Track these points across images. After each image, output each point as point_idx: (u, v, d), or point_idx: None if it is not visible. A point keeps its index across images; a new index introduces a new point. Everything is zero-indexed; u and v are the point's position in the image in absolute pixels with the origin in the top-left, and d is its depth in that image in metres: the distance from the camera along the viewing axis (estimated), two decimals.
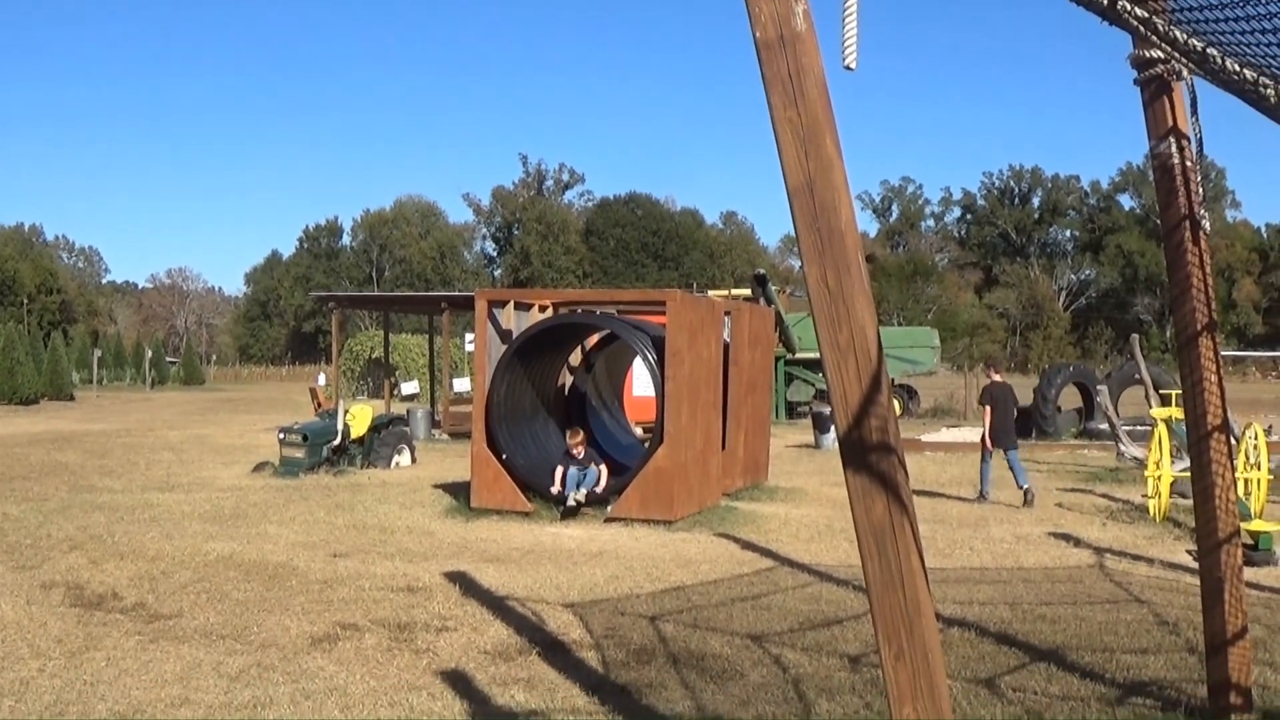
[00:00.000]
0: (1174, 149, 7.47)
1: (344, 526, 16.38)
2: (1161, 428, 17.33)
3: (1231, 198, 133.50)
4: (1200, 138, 7.32)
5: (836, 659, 9.57)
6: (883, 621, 4.79)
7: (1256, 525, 14.13)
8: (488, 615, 11.16)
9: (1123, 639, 10.14)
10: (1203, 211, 7.58)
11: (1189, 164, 7.45)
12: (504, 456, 17.56)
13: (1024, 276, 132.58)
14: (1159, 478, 16.99)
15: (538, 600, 11.83)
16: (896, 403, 43.66)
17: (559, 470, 17.61)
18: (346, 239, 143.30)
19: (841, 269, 4.69)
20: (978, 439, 30.72)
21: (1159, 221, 7.82)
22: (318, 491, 20.02)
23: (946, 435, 33.13)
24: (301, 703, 8.33)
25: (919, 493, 20.48)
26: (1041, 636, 10.23)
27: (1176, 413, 18.09)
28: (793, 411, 43.64)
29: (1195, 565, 13.43)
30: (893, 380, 45.22)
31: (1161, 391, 23.27)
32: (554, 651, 9.85)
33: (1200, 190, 7.47)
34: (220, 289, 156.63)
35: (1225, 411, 7.76)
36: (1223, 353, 7.67)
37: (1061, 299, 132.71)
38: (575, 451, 17.74)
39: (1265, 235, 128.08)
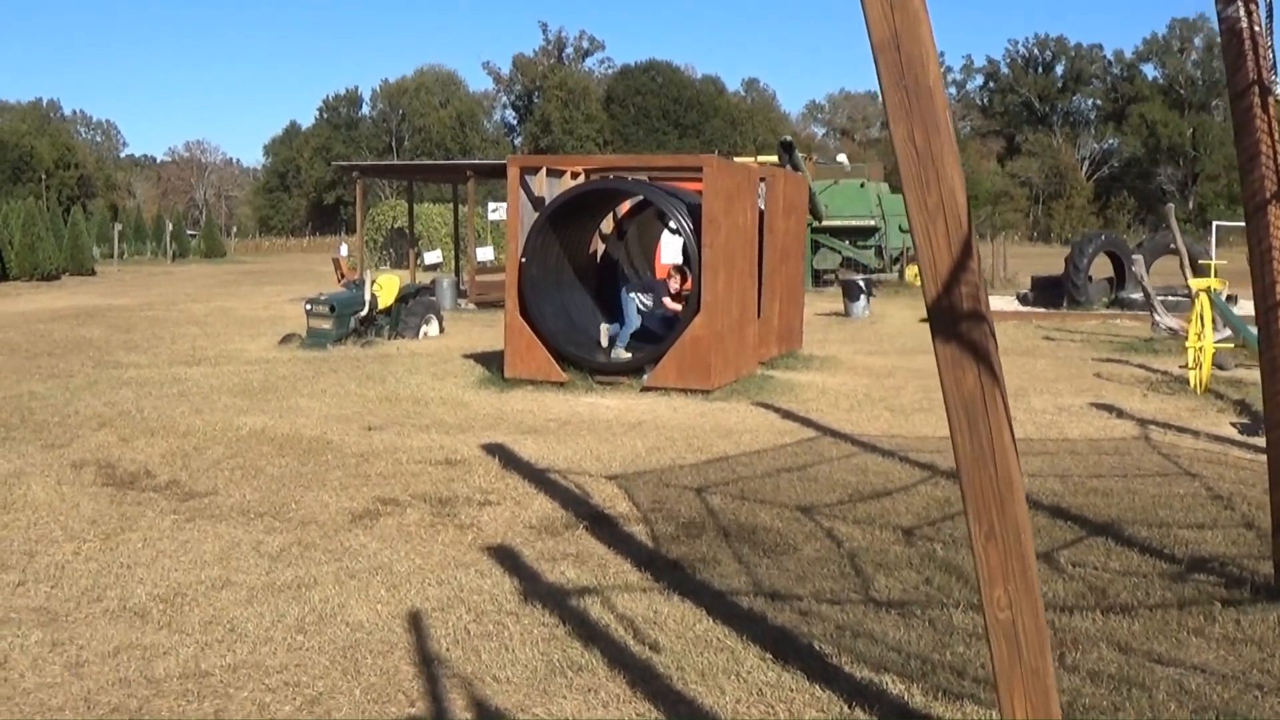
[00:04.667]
0: (1242, 12, 7.19)
1: (376, 399, 16.18)
2: (1203, 299, 16.97)
3: None
4: (1270, 1, 7.07)
5: (890, 532, 9.37)
6: (973, 499, 4.56)
7: None
8: (530, 488, 10.98)
9: (1177, 513, 9.90)
10: (1273, 77, 7.32)
11: (1257, 28, 7.18)
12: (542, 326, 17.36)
13: (1047, 145, 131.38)
14: (1200, 349, 16.66)
15: (579, 472, 11.65)
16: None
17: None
18: (366, 109, 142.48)
19: (930, 128, 4.40)
20: (1005, 307, 30.62)
21: (1228, 88, 7.50)
22: (346, 363, 19.82)
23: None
24: (346, 582, 8.15)
25: None
26: (1095, 510, 10.01)
27: (1215, 283, 17.78)
28: (819, 279, 43.34)
29: (1241, 438, 13.36)
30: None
31: (1201, 262, 22.95)
32: (601, 525, 9.66)
33: (1270, 55, 7.21)
34: (239, 161, 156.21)
35: None
36: (1243, 224, 7.41)
37: (1084, 169, 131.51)
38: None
39: None
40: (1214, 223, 53.19)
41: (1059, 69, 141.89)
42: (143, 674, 6.52)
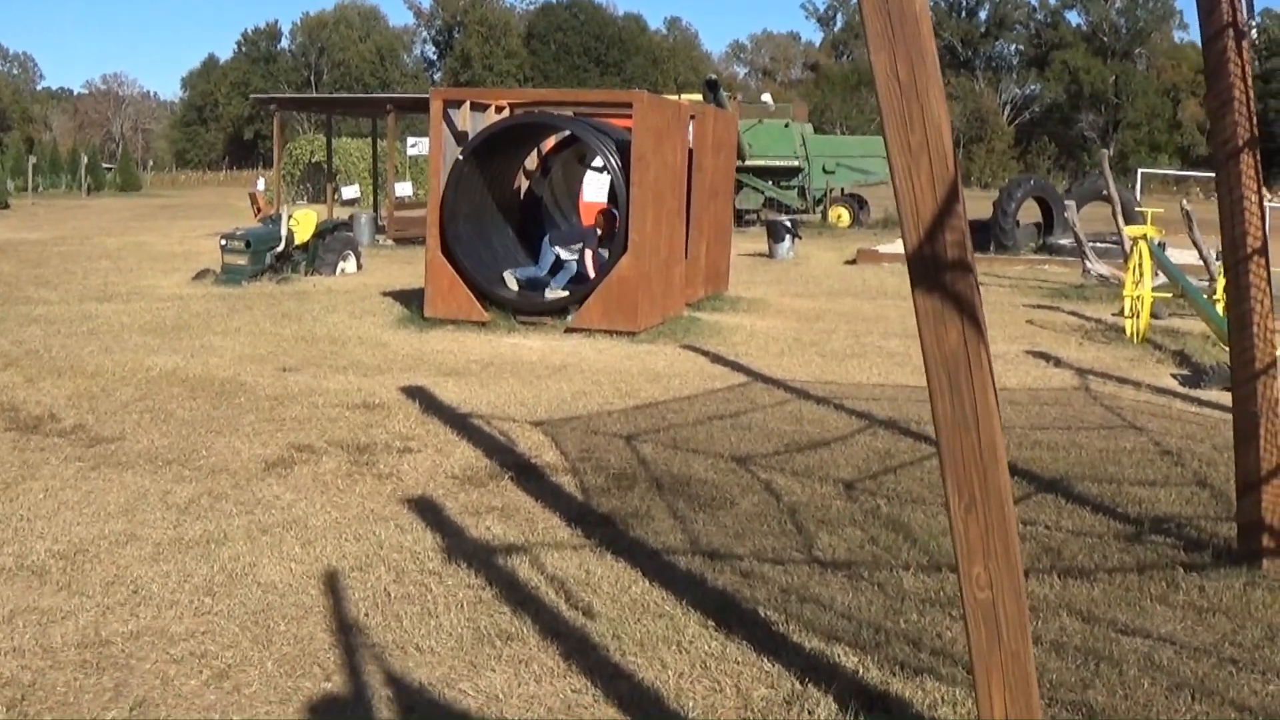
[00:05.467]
0: None
1: (292, 338, 15.61)
2: (1142, 246, 16.64)
3: (1180, 18, 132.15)
4: None
5: (830, 485, 8.97)
6: (952, 467, 4.14)
7: None
8: (452, 435, 10.49)
9: (1126, 469, 9.55)
10: (1250, 21, 7.01)
11: None
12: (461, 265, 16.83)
13: (969, 90, 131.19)
14: (1137, 298, 16.34)
15: (504, 418, 11.18)
16: (846, 212, 43.62)
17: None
18: (285, 42, 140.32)
19: (915, 58, 3.97)
20: None
21: (1200, 31, 7.08)
22: (262, 300, 19.20)
23: (902, 246, 32.47)
24: (258, 537, 7.63)
25: (882, 303, 19.92)
26: (1042, 465, 9.64)
27: (1151, 231, 17.48)
28: (741, 219, 42.89)
29: (1183, 390, 13.07)
30: (843, 189, 44.66)
31: (1138, 209, 22.71)
32: (527, 476, 9.19)
33: None
34: (156, 94, 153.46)
35: (1265, 233, 7.14)
36: (1165, 171, 7.10)
37: (1006, 113, 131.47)
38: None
39: None
40: (1139, 170, 53.33)
41: (982, 14, 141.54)
42: (38, 642, 6.01)
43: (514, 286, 17.27)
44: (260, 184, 42.03)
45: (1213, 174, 7.56)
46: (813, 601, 6.56)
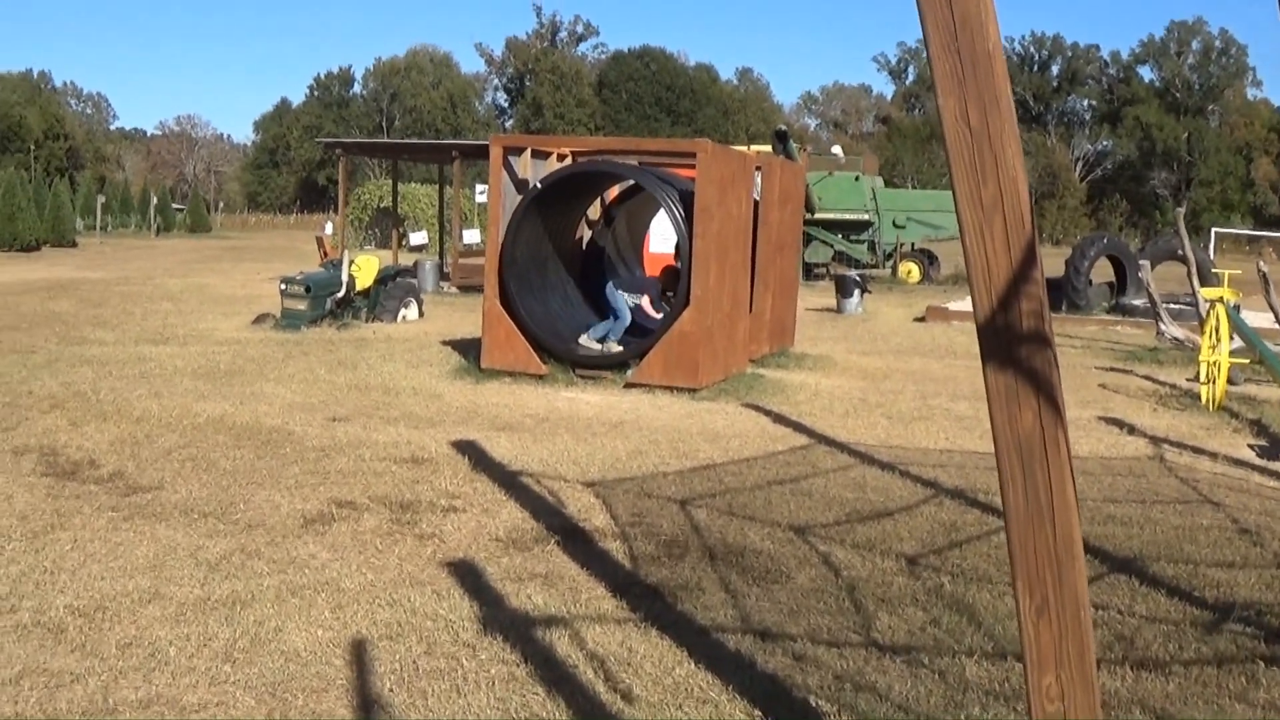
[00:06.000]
0: None
1: (345, 386, 15.30)
2: (1219, 309, 16.08)
3: (1252, 75, 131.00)
4: None
5: (892, 560, 8.52)
6: (1024, 564, 3.71)
7: None
8: (499, 494, 10.11)
9: (1204, 549, 9.03)
10: None
11: None
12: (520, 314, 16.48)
13: (1041, 145, 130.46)
14: (1214, 363, 15.78)
15: (554, 477, 10.79)
16: (916, 268, 43.11)
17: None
18: (357, 87, 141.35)
19: (989, 102, 3.56)
20: None
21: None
22: (319, 346, 18.94)
23: (972, 312, 31.91)
24: (288, 599, 7.27)
25: (950, 363, 19.43)
26: (1115, 542, 9.15)
27: (1228, 293, 16.94)
28: (810, 273, 42.47)
29: (1261, 463, 12.53)
30: (913, 244, 44.19)
31: (1214, 270, 22.13)
32: (574, 540, 8.80)
33: None
34: (229, 136, 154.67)
35: None
36: (1239, 230, 6.65)
37: (1077, 169, 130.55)
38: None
39: None
40: (1212, 229, 52.46)
41: (1055, 68, 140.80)
42: (43, 708, 5.69)
43: (596, 348, 16.91)
44: (328, 228, 41.96)
45: None
46: (868, 690, 6.12)
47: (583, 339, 17.06)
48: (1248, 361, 16.36)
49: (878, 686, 6.17)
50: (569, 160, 17.59)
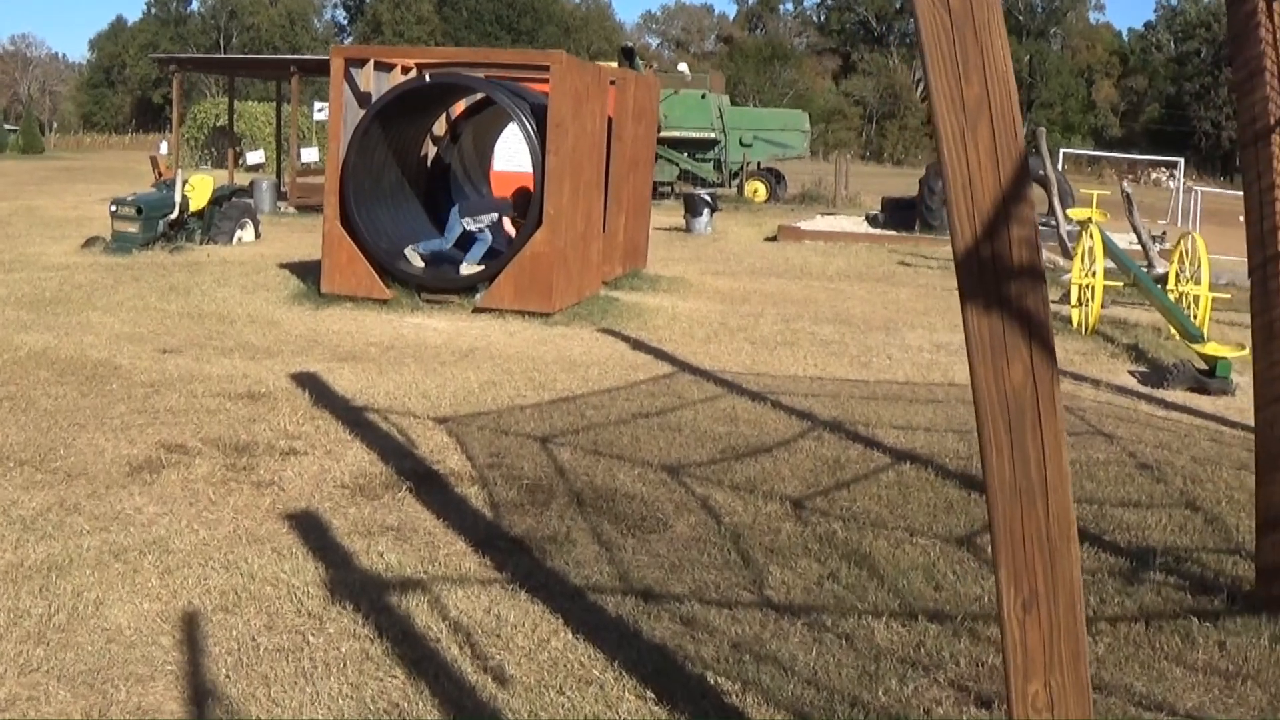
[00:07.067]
0: None
1: (177, 314, 14.26)
2: (1094, 231, 15.55)
3: (1095, 0, 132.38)
4: None
5: (776, 503, 7.83)
6: (1008, 549, 3.02)
7: (1212, 349, 12.50)
8: (344, 433, 9.27)
9: (1106, 487, 8.45)
10: None
11: None
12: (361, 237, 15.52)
13: (882, 65, 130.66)
14: (1086, 286, 15.26)
15: (403, 412, 9.97)
16: (763, 186, 42.61)
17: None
18: (195, 4, 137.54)
19: None
20: (854, 229, 29.41)
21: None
22: (151, 270, 17.80)
23: (824, 223, 31.48)
24: (110, 564, 6.37)
25: (809, 284, 18.86)
26: None
27: (1097, 214, 16.45)
28: (655, 191, 41.69)
29: (1145, 390, 12.07)
30: (759, 163, 43.67)
31: (1083, 190, 21.75)
32: (428, 486, 7.99)
33: None
34: (65, 55, 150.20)
35: None
36: (1079, 152, 6.09)
37: (919, 90, 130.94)
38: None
39: (1126, 39, 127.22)
40: (1060, 150, 52.54)
41: None
42: None
43: (418, 263, 15.98)
44: (163, 147, 40.38)
45: (1128, 156, 6.48)
46: (771, 661, 5.43)
47: (407, 250, 16.11)
48: (1121, 285, 15.90)
49: (780, 656, 5.49)
50: (414, 73, 16.60)
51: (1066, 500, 2.96)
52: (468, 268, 15.85)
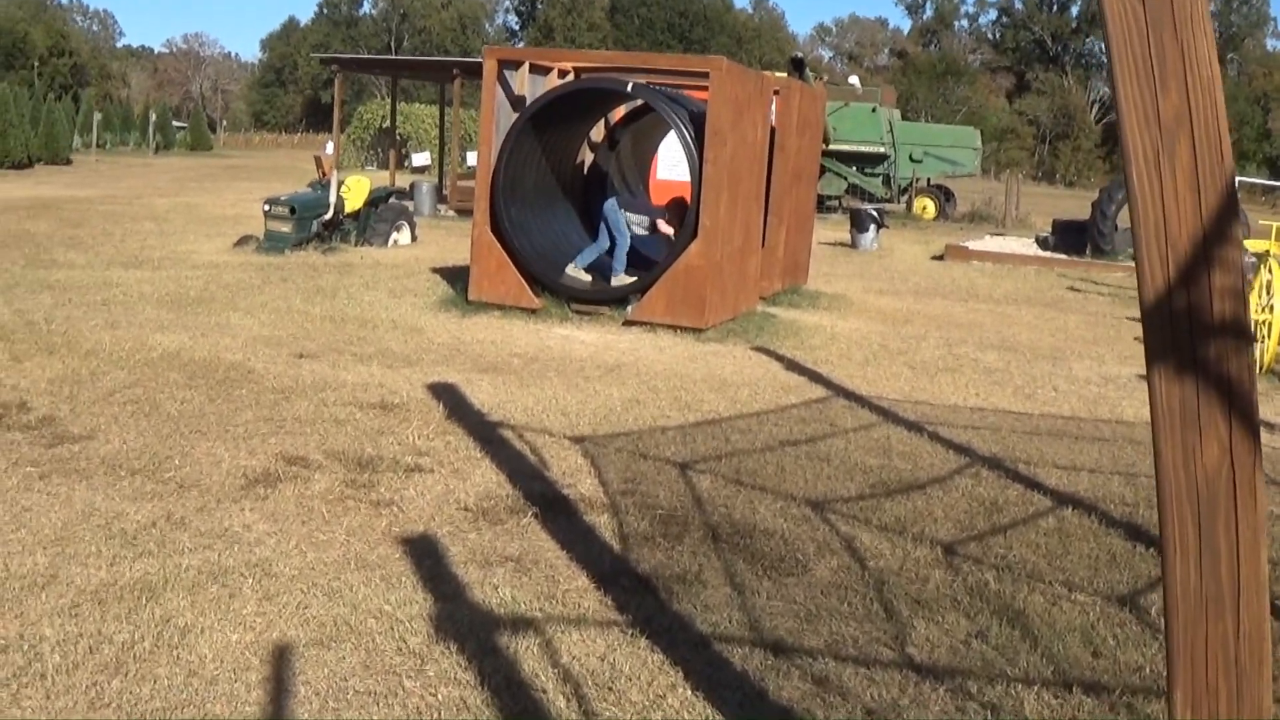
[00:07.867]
0: None
1: (319, 317, 14.01)
2: (1274, 263, 14.67)
3: (1274, 25, 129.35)
4: None
5: (925, 547, 7.25)
6: (1187, 669, 2.47)
7: None
8: (474, 450, 8.86)
9: None
10: None
11: None
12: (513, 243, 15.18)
13: (1057, 85, 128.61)
14: (1265, 323, 14.39)
15: (539, 430, 9.55)
16: (932, 204, 41.81)
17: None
18: (366, 7, 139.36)
19: None
20: (1024, 250, 28.56)
21: None
22: (300, 271, 17.65)
23: (992, 244, 30.62)
24: (206, 587, 6.01)
25: (974, 306, 18.19)
26: None
27: (1275, 246, 15.60)
28: (821, 206, 41.10)
29: None
30: (929, 180, 42.89)
31: (1261, 221, 20.84)
32: (555, 512, 7.55)
33: None
34: (237, 55, 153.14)
35: None
36: (1256, 180, 5.49)
37: (1093, 112, 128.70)
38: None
39: None
40: (1236, 179, 51.01)
41: (1074, 9, 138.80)
42: None
43: (585, 278, 15.67)
44: (329, 147, 40.58)
45: None
46: None
47: (569, 269, 15.75)
48: None
49: None
50: (571, 77, 16.22)
51: (1262, 613, 2.42)
52: (618, 279, 15.46)
